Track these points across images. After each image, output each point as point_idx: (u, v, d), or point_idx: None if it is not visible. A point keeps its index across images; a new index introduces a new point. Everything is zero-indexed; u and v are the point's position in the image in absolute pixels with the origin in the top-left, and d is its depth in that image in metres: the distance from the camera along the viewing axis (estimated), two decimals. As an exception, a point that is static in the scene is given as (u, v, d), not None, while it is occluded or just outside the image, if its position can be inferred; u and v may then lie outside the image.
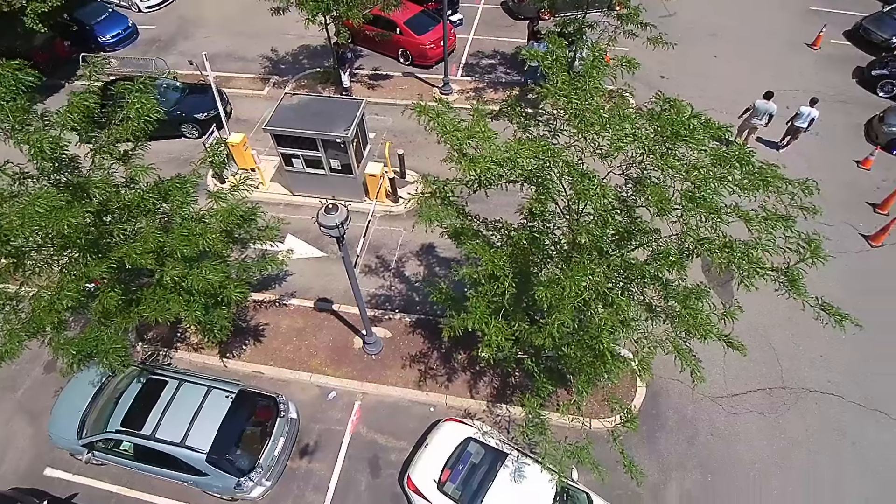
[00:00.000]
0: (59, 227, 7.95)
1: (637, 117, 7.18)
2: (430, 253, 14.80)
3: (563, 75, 7.76)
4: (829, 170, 16.53)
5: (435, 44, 19.53)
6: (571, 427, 10.47)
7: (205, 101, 18.29)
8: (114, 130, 9.37)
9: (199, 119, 18.29)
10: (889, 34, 20.38)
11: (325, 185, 15.47)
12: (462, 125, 7.88)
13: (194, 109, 18.38)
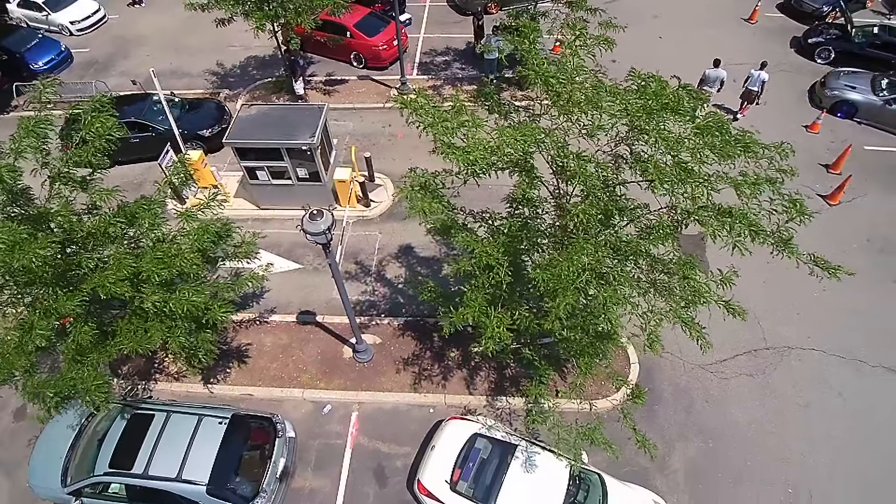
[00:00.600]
0: (26, 262, 7.39)
1: (624, 92, 7.19)
2: (409, 254, 14.59)
3: (539, 57, 7.71)
4: (780, 137, 16.88)
5: (387, 44, 19.32)
6: (578, 410, 10.46)
7: (207, 116, 17.56)
8: (71, 154, 8.78)
9: (204, 136, 17.33)
10: (819, 3, 21.42)
11: (293, 196, 15.02)
12: (446, 115, 7.70)
13: (197, 126, 17.42)
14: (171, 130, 15.82)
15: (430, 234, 9.96)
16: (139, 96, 18.04)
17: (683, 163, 6.74)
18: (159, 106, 16.51)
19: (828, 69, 19.20)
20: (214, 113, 17.84)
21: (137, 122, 16.67)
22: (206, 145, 17.16)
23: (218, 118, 17.61)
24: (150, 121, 16.85)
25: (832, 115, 17.75)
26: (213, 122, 17.43)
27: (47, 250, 7.54)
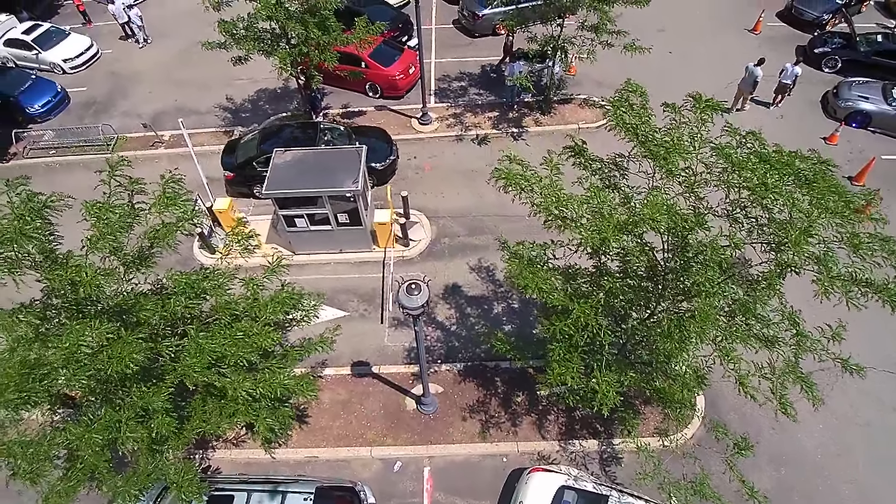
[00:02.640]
0: (121, 368, 6.97)
1: (746, 161, 7.07)
2: (456, 294, 14.36)
3: (652, 132, 7.57)
4: (801, 150, 17.47)
5: (403, 73, 19.02)
6: (647, 447, 10.41)
7: (378, 147, 16.60)
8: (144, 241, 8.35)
9: (377, 168, 16.37)
10: (819, 11, 21.85)
11: (331, 241, 14.69)
12: (560, 193, 7.51)
13: (371, 158, 16.20)
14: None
15: (511, 286, 9.66)
16: (309, 125, 17.16)
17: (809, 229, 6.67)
18: (329, 136, 16.08)
19: (833, 77, 19.63)
20: (384, 143, 16.96)
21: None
22: (378, 178, 16.47)
23: (388, 149, 16.78)
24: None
25: (847, 124, 18.11)
26: (387, 153, 16.60)
27: (140, 354, 7.11)
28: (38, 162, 18.98)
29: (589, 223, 7.09)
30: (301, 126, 17.01)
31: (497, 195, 16.13)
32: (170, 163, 18.39)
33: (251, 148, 16.19)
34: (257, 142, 16.26)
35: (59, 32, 22.76)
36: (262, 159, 15.48)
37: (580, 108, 18.80)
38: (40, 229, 7.00)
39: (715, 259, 6.89)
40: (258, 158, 15.70)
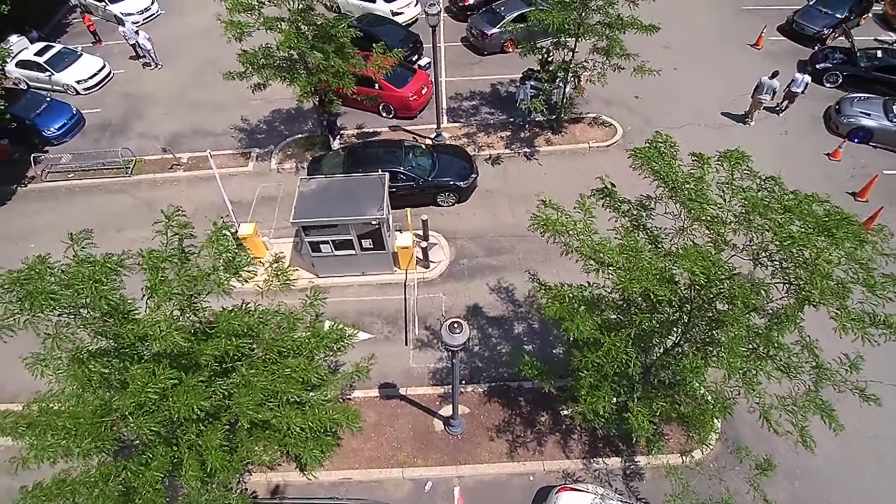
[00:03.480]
0: (186, 413, 7.35)
1: (773, 209, 7.52)
2: (478, 314, 14.79)
3: (680, 177, 8.00)
4: (805, 166, 18.00)
5: (417, 94, 19.42)
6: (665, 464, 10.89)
7: (460, 165, 16.91)
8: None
9: (461, 186, 16.64)
10: (820, 26, 22.36)
11: (354, 264, 15.10)
12: (606, 245, 7.93)
13: (454, 176, 16.71)
14: (435, 181, 16.10)
15: (548, 318, 10.04)
16: (393, 143, 17.49)
17: (840, 282, 7.13)
18: (412, 154, 16.50)
19: (835, 92, 20.18)
20: (465, 161, 17.28)
21: (399, 172, 16.20)
22: (460, 196, 16.84)
23: (470, 167, 17.06)
24: (412, 172, 16.39)
25: (849, 140, 18.63)
26: (468, 171, 16.91)
27: (208, 400, 7.49)
28: (57, 186, 19.26)
29: (629, 271, 7.51)
30: (385, 145, 17.44)
31: (513, 216, 16.87)
32: (189, 186, 18.82)
33: (337, 167, 16.55)
34: (343, 161, 16.65)
35: (72, 53, 23.00)
36: None
37: (590, 126, 19.25)
38: (115, 290, 7.29)
39: (744, 302, 7.33)
40: None
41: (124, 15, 25.58)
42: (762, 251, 7.66)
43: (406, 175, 16.26)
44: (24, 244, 17.58)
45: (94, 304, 7.11)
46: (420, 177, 16.37)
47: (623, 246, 7.68)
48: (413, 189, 16.45)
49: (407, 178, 16.31)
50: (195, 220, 17.22)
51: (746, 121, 19.52)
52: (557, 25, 14.88)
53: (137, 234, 17.42)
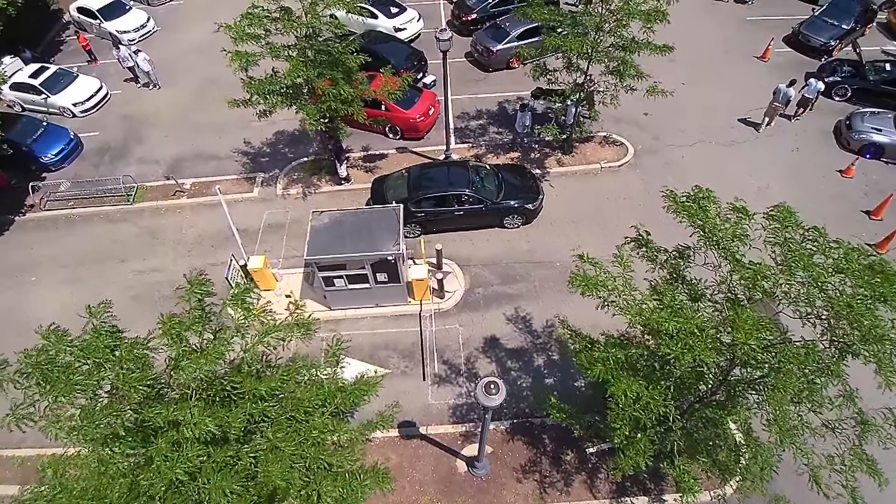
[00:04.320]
0: (220, 499, 7.02)
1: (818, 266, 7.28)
2: (496, 346, 14.51)
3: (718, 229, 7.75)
4: (817, 184, 17.87)
5: (424, 115, 19.09)
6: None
7: (529, 187, 16.63)
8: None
9: (528, 209, 16.30)
10: (826, 38, 22.22)
11: (368, 296, 14.78)
12: (637, 294, 7.67)
13: (522, 198, 16.35)
14: (503, 203, 15.92)
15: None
16: (458, 164, 17.17)
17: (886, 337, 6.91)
18: (479, 176, 16.21)
19: (844, 106, 20.09)
20: (531, 182, 16.98)
21: (467, 195, 15.95)
22: (527, 218, 16.62)
23: (536, 188, 16.77)
24: (480, 194, 16.05)
25: (860, 155, 18.50)
26: (535, 191, 16.60)
27: (237, 476, 7.17)
28: (56, 214, 18.76)
29: (680, 340, 7.20)
30: (449, 166, 17.09)
31: (527, 241, 16.57)
32: (193, 213, 18.40)
33: (401, 189, 16.29)
34: (407, 183, 16.36)
35: (67, 75, 22.46)
36: (415, 201, 15.87)
37: (601, 146, 18.99)
38: (144, 375, 6.91)
39: (799, 367, 7.09)
40: (412, 201, 15.86)
41: (120, 32, 25.07)
42: (812, 312, 7.41)
43: (474, 198, 15.93)
44: (24, 277, 17.15)
45: (123, 392, 6.72)
46: (488, 199, 16.04)
47: (672, 313, 7.32)
48: (481, 212, 16.15)
49: (474, 201, 15.98)
50: (201, 248, 17.24)
51: (763, 127, 19.53)
52: (575, 52, 14.61)
53: (142, 264, 17.11)
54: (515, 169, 17.57)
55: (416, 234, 16.51)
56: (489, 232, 16.86)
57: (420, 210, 15.99)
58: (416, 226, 16.36)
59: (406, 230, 16.17)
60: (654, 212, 17.28)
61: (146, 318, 15.86)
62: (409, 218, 15.91)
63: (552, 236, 16.69)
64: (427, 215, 16.14)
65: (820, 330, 7.60)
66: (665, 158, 18.75)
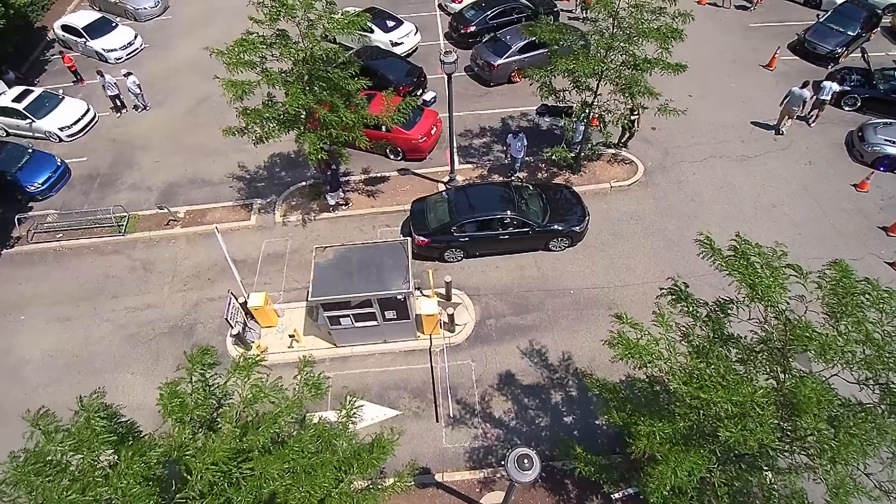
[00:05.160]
0: None
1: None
2: (510, 383, 13.90)
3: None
4: (832, 199, 17.38)
5: (426, 136, 18.44)
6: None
7: (574, 209, 16.02)
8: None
9: (576, 231, 15.76)
10: (833, 45, 21.77)
11: (376, 334, 14.14)
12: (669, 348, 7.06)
13: (566, 219, 15.75)
14: (550, 226, 15.44)
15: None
16: (501, 185, 16.49)
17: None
18: (524, 197, 15.71)
19: (854, 115, 19.73)
20: (576, 203, 16.30)
21: (513, 218, 15.38)
22: (572, 240, 16.10)
23: (582, 208, 16.13)
24: (526, 217, 15.48)
25: (874, 168, 18.05)
26: (582, 213, 15.97)
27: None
28: (45, 248, 17.93)
29: (740, 421, 6.56)
30: (493, 188, 16.46)
31: (538, 268, 15.95)
32: (188, 243, 17.66)
33: (443, 213, 15.70)
34: (448, 207, 15.74)
35: (53, 98, 21.58)
36: (459, 225, 15.35)
37: (610, 164, 18.42)
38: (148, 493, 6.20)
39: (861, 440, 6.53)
40: (455, 224, 15.30)
41: (106, 51, 24.26)
42: (872, 377, 6.87)
43: (520, 221, 15.34)
44: (13, 316, 16.36)
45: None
46: (534, 222, 15.45)
47: (728, 391, 6.64)
48: (527, 236, 15.56)
49: (520, 225, 15.40)
50: (197, 281, 16.51)
51: (779, 129, 19.33)
52: (588, 74, 14.03)
53: (135, 300, 16.35)
54: (559, 189, 16.88)
55: (458, 258, 16.00)
56: (500, 259, 16.23)
57: (464, 234, 15.37)
58: (458, 250, 15.78)
59: (448, 255, 15.78)
60: (666, 234, 16.94)
61: (142, 359, 15.23)
62: (451, 243, 15.48)
63: (564, 262, 16.09)
64: (471, 240, 15.51)
65: (878, 394, 7.09)
66: (676, 176, 18.20)
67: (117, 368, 14.97)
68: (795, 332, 6.77)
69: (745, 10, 25.17)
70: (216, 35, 25.80)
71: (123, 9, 26.76)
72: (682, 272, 15.59)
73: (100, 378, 14.70)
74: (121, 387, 14.53)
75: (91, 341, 15.63)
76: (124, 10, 26.78)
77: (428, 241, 15.49)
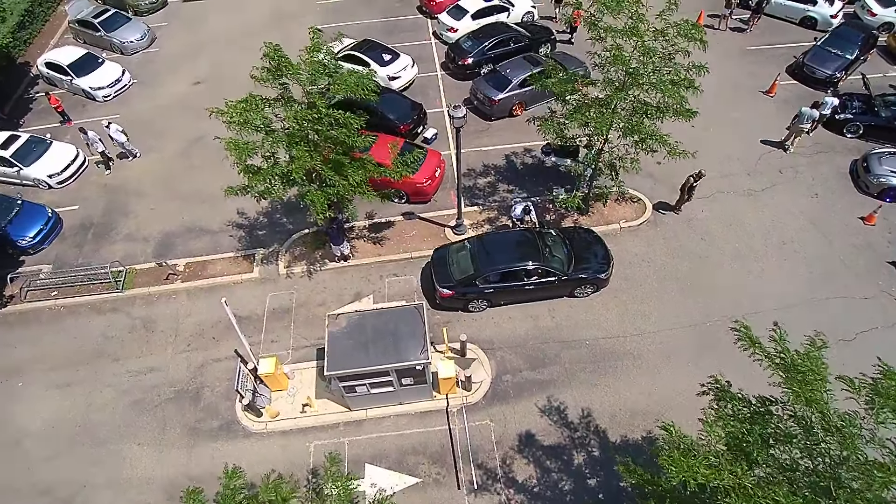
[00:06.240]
0: None
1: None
2: (532, 444, 13.62)
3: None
4: (840, 234, 17.30)
5: (430, 178, 18.06)
6: None
7: (599, 253, 15.79)
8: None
9: (601, 278, 15.55)
10: (832, 69, 21.71)
11: (391, 397, 13.80)
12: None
13: (591, 265, 15.55)
14: (576, 275, 15.26)
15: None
16: (525, 233, 16.14)
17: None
18: (547, 244, 15.73)
19: (858, 143, 19.71)
20: (599, 247, 16.11)
21: (539, 268, 15.13)
22: (597, 287, 15.90)
23: (606, 253, 15.91)
24: (552, 266, 15.27)
25: (880, 199, 18.02)
26: (606, 258, 15.80)
27: None
28: (39, 306, 17.29)
29: None
30: (516, 235, 16.05)
31: (552, 317, 15.67)
32: (190, 299, 17.15)
33: (466, 264, 15.33)
34: (472, 257, 15.35)
35: (40, 143, 20.86)
36: (483, 276, 15.06)
37: (617, 203, 18.17)
38: None
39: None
40: (480, 276, 15.00)
41: (94, 89, 23.53)
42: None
43: (546, 271, 15.03)
44: (10, 383, 15.76)
45: None
46: (560, 271, 15.14)
47: None
48: (553, 285, 15.29)
49: (545, 274, 15.08)
50: (201, 340, 16.01)
51: (786, 146, 19.61)
52: (604, 130, 13.82)
53: (137, 363, 15.86)
54: (582, 234, 16.56)
55: (482, 308, 15.71)
56: (513, 309, 15.91)
57: (489, 286, 15.07)
58: (482, 301, 15.49)
59: (472, 305, 15.53)
60: (679, 277, 16.69)
61: (148, 428, 14.74)
62: (477, 295, 15.24)
63: (578, 310, 15.84)
64: (496, 291, 15.21)
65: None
66: (685, 213, 18.01)
67: (123, 439, 14.46)
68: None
69: (741, 31, 25.05)
70: (205, 69, 25.43)
71: (109, 42, 25.99)
72: (697, 319, 15.54)
73: (105, 450, 14.27)
74: (128, 459, 14.06)
75: (93, 409, 15.09)
76: (110, 43, 26.01)
77: (452, 293, 15.17)
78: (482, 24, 23.91)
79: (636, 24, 13.80)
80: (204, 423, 14.53)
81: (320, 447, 13.80)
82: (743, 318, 14.60)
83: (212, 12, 28.97)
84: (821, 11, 24.55)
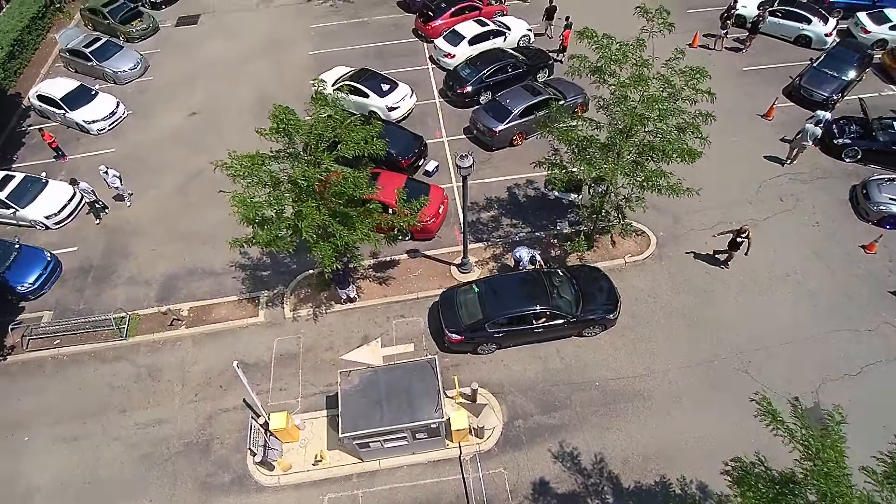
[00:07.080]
0: None
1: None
2: (547, 493, 13.65)
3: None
4: (841, 263, 17.43)
5: (434, 216, 18.02)
6: None
7: (608, 294, 15.89)
8: None
9: (609, 319, 15.66)
10: (829, 92, 21.84)
11: (404, 449, 13.76)
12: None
13: (600, 306, 15.61)
14: (585, 316, 15.40)
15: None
16: (533, 274, 16.15)
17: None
18: (554, 285, 15.73)
19: (856, 167, 19.92)
20: (606, 285, 16.11)
21: (548, 311, 15.15)
22: (605, 327, 15.93)
23: (614, 294, 15.94)
24: (561, 309, 15.33)
25: (881, 226, 18.18)
26: (614, 297, 15.84)
27: None
28: (42, 355, 17.06)
29: None
30: (524, 278, 16.02)
31: (560, 358, 15.68)
32: (195, 345, 17.02)
33: (474, 308, 15.28)
34: (480, 301, 15.30)
35: (36, 182, 20.55)
36: (492, 321, 15.06)
37: (621, 237, 18.17)
38: None
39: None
40: (489, 321, 15.02)
41: (88, 123, 23.21)
42: None
43: (555, 314, 15.08)
44: (16, 437, 15.55)
45: None
46: (568, 313, 15.17)
47: None
48: (561, 326, 15.35)
49: (554, 316, 15.13)
50: (209, 390, 15.90)
51: (787, 162, 20.16)
52: (614, 176, 13.87)
53: (145, 415, 15.71)
54: (589, 273, 16.55)
55: (491, 350, 15.75)
56: (521, 350, 15.92)
57: (498, 330, 15.12)
58: (491, 344, 15.54)
59: (482, 348, 15.56)
60: (686, 313, 16.70)
61: (158, 483, 14.65)
62: (486, 339, 15.27)
63: (586, 350, 15.89)
64: (505, 335, 15.26)
65: None
66: (689, 245, 18.09)
67: (133, 496, 14.32)
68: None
69: (736, 52, 25.15)
70: (200, 98, 25.18)
71: (102, 72, 25.65)
72: (705, 357, 15.62)
73: (115, 507, 14.13)
74: (139, 517, 13.96)
75: (101, 464, 14.94)
76: (103, 73, 25.68)
77: (462, 338, 15.19)
78: (479, 50, 23.82)
79: (640, 69, 13.82)
80: (215, 477, 14.42)
81: (334, 500, 13.78)
82: (749, 361, 15.05)
83: (205, 38, 28.67)
84: (815, 30, 24.72)
